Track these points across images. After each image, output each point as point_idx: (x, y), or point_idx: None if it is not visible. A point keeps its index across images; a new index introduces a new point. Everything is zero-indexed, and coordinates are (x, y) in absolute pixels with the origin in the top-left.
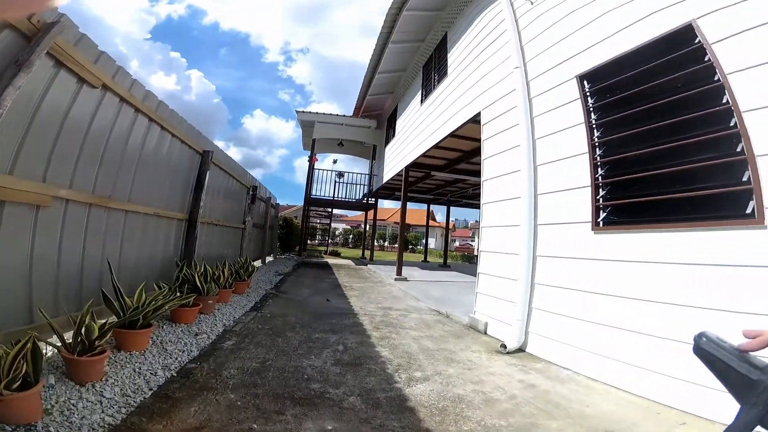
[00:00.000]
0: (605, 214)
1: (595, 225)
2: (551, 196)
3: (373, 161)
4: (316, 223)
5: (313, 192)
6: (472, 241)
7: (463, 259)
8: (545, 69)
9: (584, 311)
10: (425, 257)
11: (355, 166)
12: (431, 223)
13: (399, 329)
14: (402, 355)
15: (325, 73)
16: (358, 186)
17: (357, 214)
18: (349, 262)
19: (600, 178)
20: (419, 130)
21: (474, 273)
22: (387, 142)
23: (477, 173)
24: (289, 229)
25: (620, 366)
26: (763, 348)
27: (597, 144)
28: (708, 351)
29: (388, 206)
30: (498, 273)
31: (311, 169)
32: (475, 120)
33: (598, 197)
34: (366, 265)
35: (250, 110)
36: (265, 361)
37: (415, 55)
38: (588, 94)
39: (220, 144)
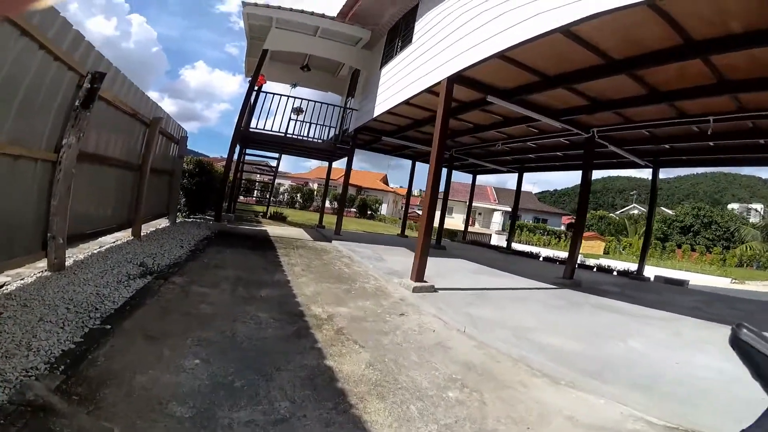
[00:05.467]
0: None
1: None
2: None
3: (349, 98)
4: (255, 175)
5: (254, 125)
6: (419, 209)
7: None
8: None
9: None
10: (402, 231)
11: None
12: (383, 187)
13: None
14: None
15: None
16: (323, 128)
17: (305, 171)
18: (302, 233)
19: None
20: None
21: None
22: (385, 62)
23: (573, 110)
24: (205, 178)
25: None
26: None
27: None
28: (747, 343)
29: (336, 165)
30: None
31: (254, 92)
32: None
33: None
34: (330, 241)
35: (191, 61)
36: None
37: None
38: None
39: (153, 95)
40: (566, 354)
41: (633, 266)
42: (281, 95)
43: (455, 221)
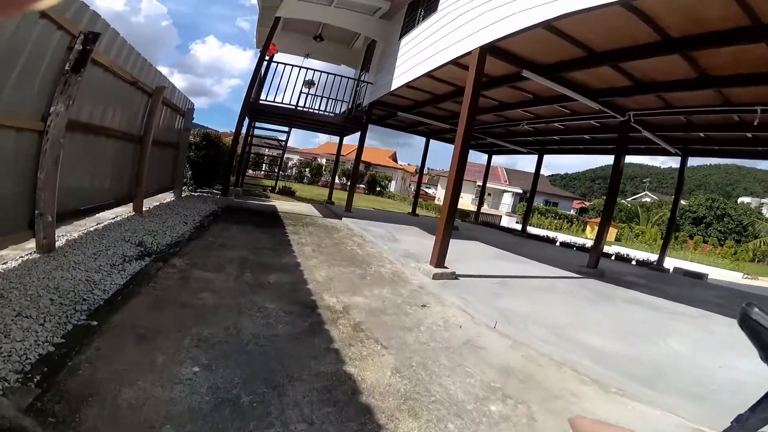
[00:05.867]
0: None
1: None
2: None
3: (363, 72)
4: (264, 149)
5: (263, 98)
6: (427, 188)
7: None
8: None
9: None
10: (414, 209)
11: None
12: (392, 164)
13: None
14: None
15: None
16: (335, 102)
17: (314, 146)
18: (311, 209)
19: None
20: None
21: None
22: (405, 33)
23: (612, 91)
24: (212, 151)
25: None
26: None
27: None
28: (757, 321)
29: (346, 141)
30: None
31: (265, 62)
32: None
33: None
34: (340, 218)
35: (202, 36)
36: None
37: None
38: None
39: (163, 70)
40: (610, 356)
41: (649, 255)
42: (293, 65)
43: (463, 201)
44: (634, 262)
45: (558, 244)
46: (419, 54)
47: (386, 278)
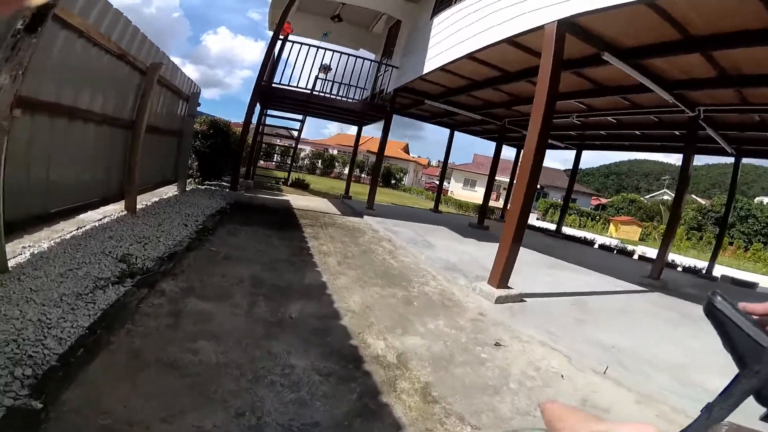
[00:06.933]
0: None
1: None
2: None
3: (384, 57)
4: (276, 139)
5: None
6: (437, 180)
7: (469, 211)
8: None
9: None
10: (436, 206)
11: (347, 65)
12: (405, 156)
13: None
14: None
15: None
16: (355, 90)
17: (324, 137)
18: (328, 205)
19: None
20: None
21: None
22: (440, 10)
23: (687, 83)
24: (221, 140)
25: None
26: None
27: None
28: (721, 311)
29: (354, 131)
30: None
31: (279, 42)
32: None
33: None
34: (361, 216)
35: (214, 27)
36: None
37: None
38: None
39: (176, 60)
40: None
41: (684, 259)
42: (309, 45)
43: (476, 194)
44: (680, 269)
45: (597, 246)
46: (459, 32)
47: (436, 302)
